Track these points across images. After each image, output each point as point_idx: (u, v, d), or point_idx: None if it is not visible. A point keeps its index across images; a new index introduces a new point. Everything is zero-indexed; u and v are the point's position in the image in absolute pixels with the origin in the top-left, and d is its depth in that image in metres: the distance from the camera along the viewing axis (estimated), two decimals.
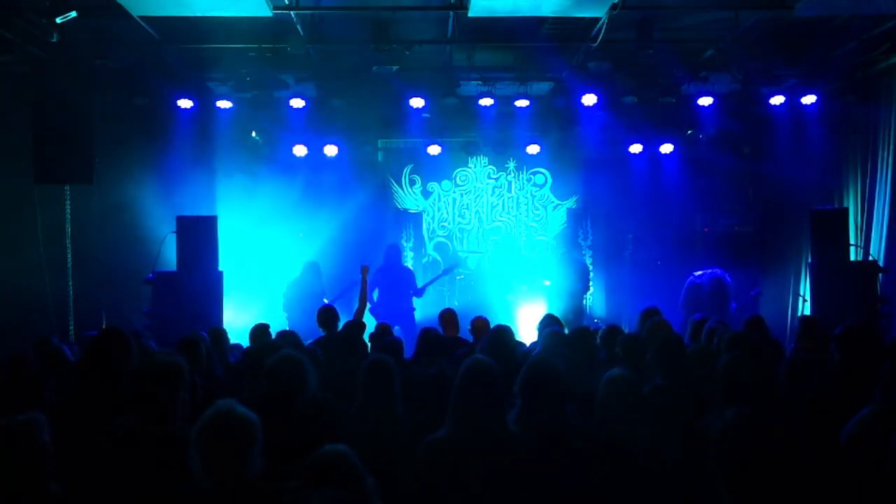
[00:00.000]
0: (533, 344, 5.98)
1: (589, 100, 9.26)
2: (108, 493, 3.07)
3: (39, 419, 2.77)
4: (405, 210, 11.70)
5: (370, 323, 7.28)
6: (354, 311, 7.86)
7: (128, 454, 3.14)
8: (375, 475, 2.66)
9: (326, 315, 6.48)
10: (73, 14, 6.77)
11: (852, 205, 9.01)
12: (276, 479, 2.70)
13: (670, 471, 3.25)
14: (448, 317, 6.85)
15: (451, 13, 7.28)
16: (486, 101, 9.42)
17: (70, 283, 8.99)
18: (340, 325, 6.43)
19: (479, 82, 9.31)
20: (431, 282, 10.24)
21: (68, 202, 9.00)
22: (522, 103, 9.44)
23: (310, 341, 6.09)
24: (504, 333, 5.23)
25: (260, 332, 6.24)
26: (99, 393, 3.75)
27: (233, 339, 8.19)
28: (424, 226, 11.72)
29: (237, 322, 9.10)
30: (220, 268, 7.92)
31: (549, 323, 6.02)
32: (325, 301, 9.43)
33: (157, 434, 3.22)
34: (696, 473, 3.11)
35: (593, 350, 5.26)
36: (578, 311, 9.41)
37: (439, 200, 11.83)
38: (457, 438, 3.29)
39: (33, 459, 2.69)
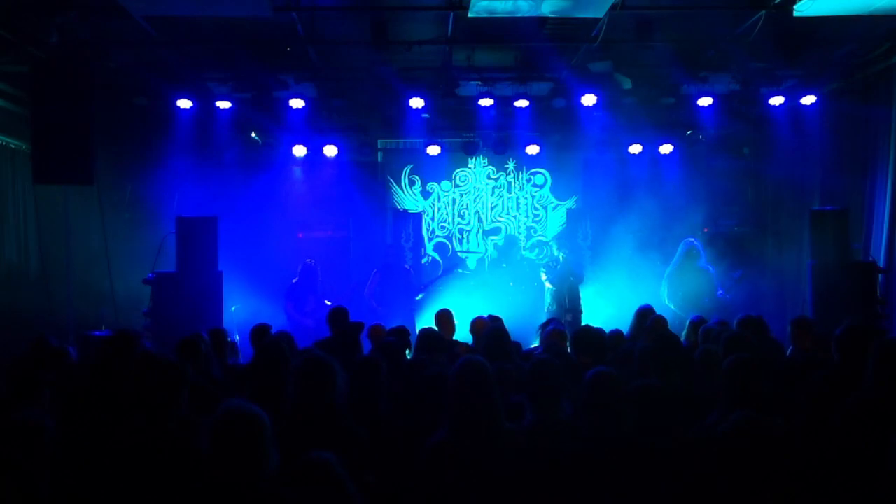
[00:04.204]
0: (534, 347, 5.98)
1: (589, 100, 9.25)
2: (110, 490, 3.08)
3: (41, 419, 2.78)
4: (405, 210, 11.70)
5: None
6: None
7: (129, 452, 3.15)
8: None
9: (337, 315, 6.41)
10: (73, 14, 6.77)
11: (852, 205, 9.00)
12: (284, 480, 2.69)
13: (668, 470, 3.25)
14: (444, 317, 6.82)
15: (451, 13, 7.28)
16: (486, 102, 9.41)
17: (69, 283, 8.99)
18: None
19: (479, 82, 9.30)
20: (432, 282, 10.25)
21: (68, 202, 9.00)
22: (522, 103, 9.43)
23: (311, 342, 6.08)
24: (500, 334, 5.24)
25: (261, 333, 6.22)
26: (105, 393, 3.77)
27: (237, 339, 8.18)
28: (424, 226, 11.72)
29: (237, 323, 9.12)
30: (220, 268, 7.92)
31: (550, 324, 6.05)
32: (328, 303, 9.44)
33: (158, 432, 3.23)
34: (695, 473, 3.12)
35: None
36: (576, 308, 9.42)
37: (439, 201, 11.83)
38: (454, 440, 3.29)
39: (34, 459, 2.68)
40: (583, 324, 8.60)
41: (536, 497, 3.24)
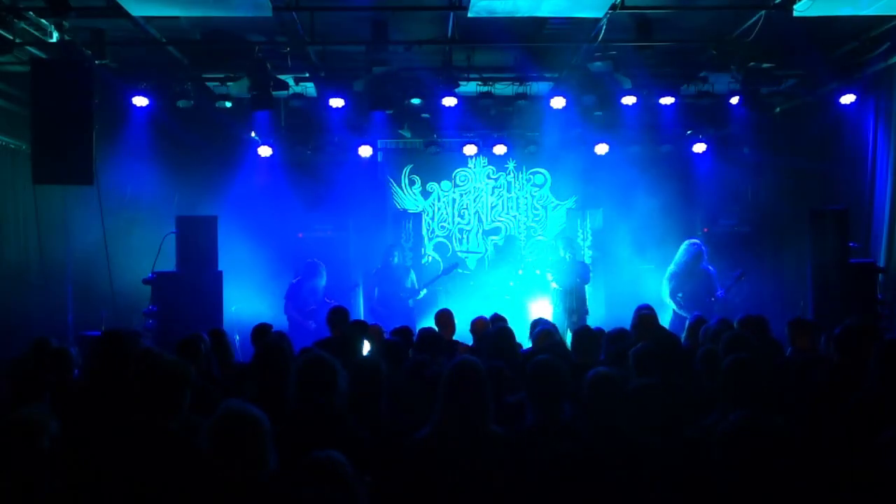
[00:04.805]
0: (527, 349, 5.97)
1: (589, 100, 9.26)
2: (110, 490, 3.08)
3: (45, 415, 2.78)
4: (404, 210, 11.70)
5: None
6: None
7: (129, 452, 3.15)
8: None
9: (337, 315, 6.41)
10: (72, 14, 6.77)
11: (852, 205, 9.00)
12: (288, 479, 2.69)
13: (668, 470, 3.25)
14: (444, 317, 6.82)
15: (451, 13, 7.28)
16: (486, 102, 9.41)
17: (69, 283, 9.00)
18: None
19: (479, 82, 9.31)
20: (431, 282, 10.25)
21: (68, 202, 9.01)
22: (521, 103, 9.44)
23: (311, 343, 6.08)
24: (506, 334, 5.24)
25: (261, 333, 6.21)
26: (103, 393, 3.77)
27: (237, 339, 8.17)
28: (424, 226, 11.73)
29: (237, 323, 9.11)
30: (220, 268, 7.91)
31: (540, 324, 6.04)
32: (328, 300, 9.43)
33: (159, 432, 3.23)
34: (695, 473, 3.12)
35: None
36: (581, 309, 9.42)
37: (439, 201, 11.83)
38: (438, 437, 3.29)
39: (37, 455, 2.68)
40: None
41: (535, 498, 3.23)
